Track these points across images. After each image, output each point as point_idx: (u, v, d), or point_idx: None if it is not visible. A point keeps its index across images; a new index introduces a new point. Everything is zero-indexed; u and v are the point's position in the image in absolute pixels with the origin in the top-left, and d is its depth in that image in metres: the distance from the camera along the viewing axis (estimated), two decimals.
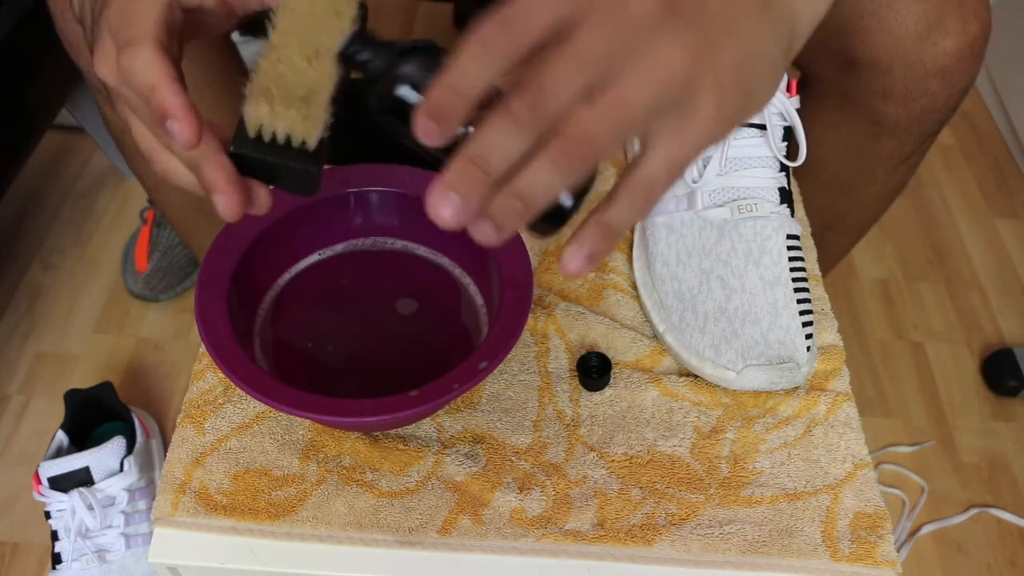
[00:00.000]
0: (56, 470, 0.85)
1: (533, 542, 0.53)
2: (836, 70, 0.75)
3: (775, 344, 0.58)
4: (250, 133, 0.43)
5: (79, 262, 1.25)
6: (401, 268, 0.62)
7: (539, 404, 0.60)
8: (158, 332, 1.17)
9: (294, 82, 0.42)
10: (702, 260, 0.61)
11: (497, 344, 0.51)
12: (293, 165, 0.43)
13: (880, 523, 0.55)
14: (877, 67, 0.71)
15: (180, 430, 0.58)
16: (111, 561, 0.87)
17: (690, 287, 0.61)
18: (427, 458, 0.56)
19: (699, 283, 0.61)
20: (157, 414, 1.08)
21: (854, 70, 0.73)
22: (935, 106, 0.73)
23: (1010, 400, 1.15)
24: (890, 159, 0.80)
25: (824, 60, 0.76)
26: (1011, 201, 1.43)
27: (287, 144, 0.43)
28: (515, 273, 0.55)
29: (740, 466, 0.57)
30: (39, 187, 1.34)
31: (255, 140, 0.43)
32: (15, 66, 0.97)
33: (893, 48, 0.69)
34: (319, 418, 0.50)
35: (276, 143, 0.43)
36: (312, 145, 0.43)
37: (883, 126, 0.76)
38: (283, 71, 0.42)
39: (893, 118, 0.74)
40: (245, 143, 0.43)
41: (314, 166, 0.43)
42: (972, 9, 0.69)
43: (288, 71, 0.42)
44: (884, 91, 0.73)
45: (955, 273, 1.31)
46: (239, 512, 0.54)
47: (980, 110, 1.57)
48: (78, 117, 1.22)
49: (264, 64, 0.42)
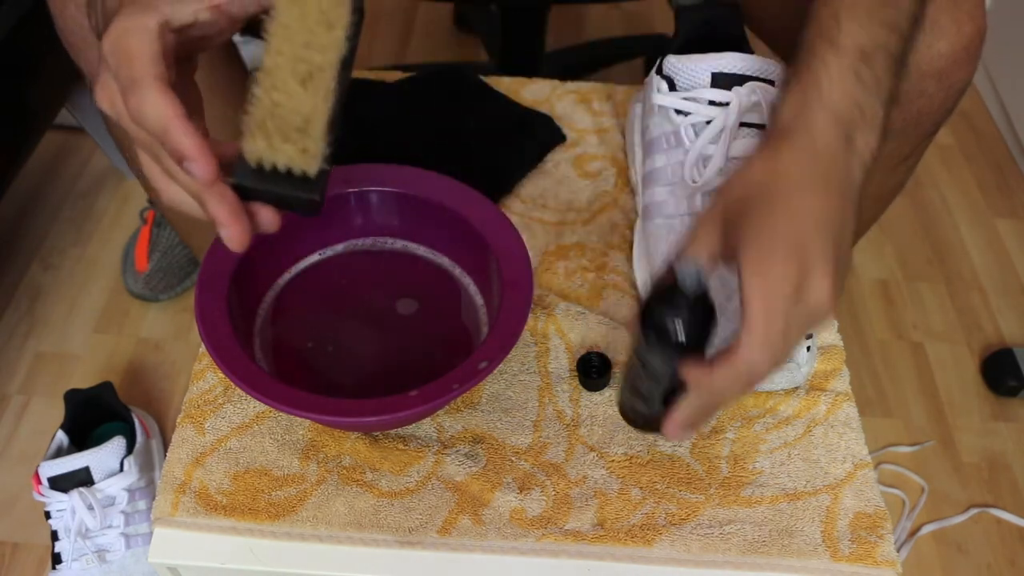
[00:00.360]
0: (56, 470, 0.85)
1: (533, 542, 0.53)
2: None
3: None
4: (251, 165, 0.43)
5: (79, 262, 1.25)
6: (401, 268, 0.62)
7: (539, 404, 0.60)
8: (158, 332, 1.17)
9: (290, 111, 0.43)
10: None
11: (497, 344, 0.51)
12: (295, 194, 0.44)
13: (880, 523, 0.55)
14: None
15: (180, 430, 0.58)
16: (111, 561, 0.87)
17: None
18: (427, 458, 0.56)
19: None
20: (157, 414, 1.07)
21: None
22: (931, 107, 0.73)
23: (1010, 400, 1.15)
24: (887, 160, 0.80)
25: None
26: (1011, 201, 1.42)
27: (288, 173, 0.43)
28: (515, 273, 0.55)
29: (740, 466, 0.57)
30: (39, 187, 1.34)
31: (256, 171, 0.43)
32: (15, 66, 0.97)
33: None
34: (319, 418, 0.50)
35: (278, 172, 0.43)
36: (313, 175, 0.43)
37: None
38: (278, 99, 0.43)
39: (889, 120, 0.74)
40: (247, 174, 0.43)
41: (316, 194, 0.44)
42: (967, 10, 0.69)
43: (283, 99, 0.43)
44: None
45: (955, 273, 1.31)
46: (239, 512, 0.54)
47: (980, 110, 1.57)
48: (78, 117, 1.22)
49: (259, 93, 0.43)
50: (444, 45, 1.64)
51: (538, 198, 0.74)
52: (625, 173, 0.76)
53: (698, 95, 0.61)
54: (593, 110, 0.82)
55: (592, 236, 0.70)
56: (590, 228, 0.71)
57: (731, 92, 0.60)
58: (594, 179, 0.75)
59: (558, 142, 0.78)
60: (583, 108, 0.82)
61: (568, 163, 0.77)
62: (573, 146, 0.78)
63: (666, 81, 0.64)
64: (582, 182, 0.75)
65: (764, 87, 0.60)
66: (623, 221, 0.71)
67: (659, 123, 0.65)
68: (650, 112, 0.67)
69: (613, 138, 0.79)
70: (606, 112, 0.81)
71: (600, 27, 1.66)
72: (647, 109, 0.68)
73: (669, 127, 0.64)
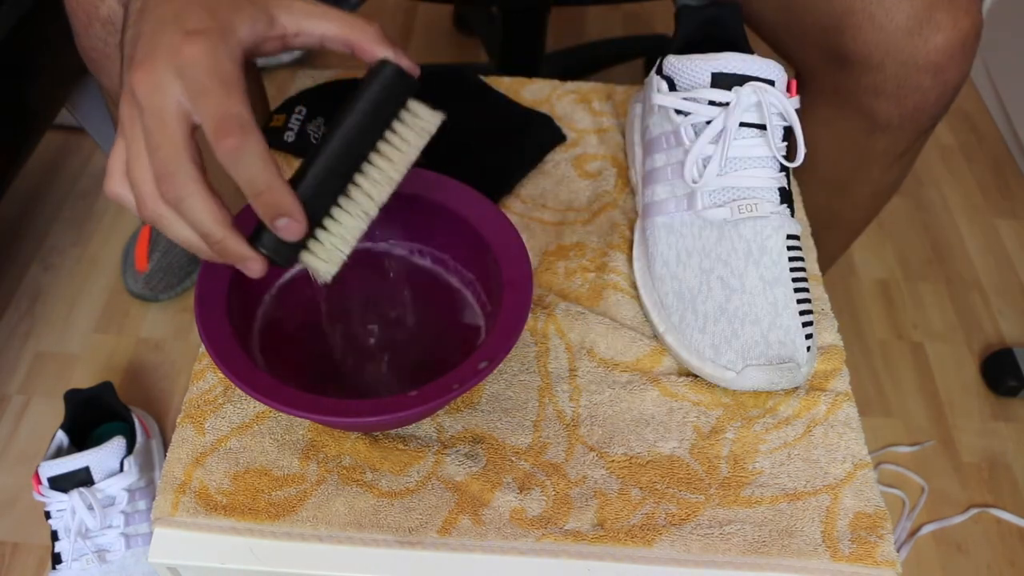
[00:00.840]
0: (56, 470, 0.85)
1: (533, 542, 0.53)
2: (827, 67, 0.75)
3: (775, 344, 0.58)
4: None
5: (79, 262, 1.25)
6: (401, 268, 0.62)
7: (539, 404, 0.60)
8: (158, 332, 1.17)
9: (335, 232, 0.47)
10: (702, 260, 0.61)
11: (497, 344, 0.51)
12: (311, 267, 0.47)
13: (880, 523, 0.55)
14: (868, 63, 0.71)
15: (180, 430, 0.58)
16: (111, 561, 0.87)
17: (690, 287, 0.61)
18: (427, 458, 0.56)
19: (699, 283, 0.61)
20: (157, 414, 1.08)
21: (845, 67, 0.73)
22: (927, 102, 0.73)
23: (1010, 400, 1.15)
24: (884, 156, 0.80)
25: (815, 56, 0.76)
26: (1011, 201, 1.43)
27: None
28: (515, 273, 0.55)
29: (740, 466, 0.57)
30: (39, 187, 1.34)
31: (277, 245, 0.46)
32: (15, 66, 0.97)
33: (884, 44, 0.70)
34: (319, 418, 0.50)
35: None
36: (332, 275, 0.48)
37: (876, 123, 0.76)
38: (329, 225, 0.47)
39: (885, 115, 0.75)
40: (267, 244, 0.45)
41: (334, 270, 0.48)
42: (963, 5, 0.69)
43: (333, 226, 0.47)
44: (876, 87, 0.73)
45: (955, 273, 1.31)
46: (239, 512, 0.54)
47: (980, 110, 1.57)
48: (78, 117, 1.22)
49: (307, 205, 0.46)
50: (444, 45, 1.64)
51: (538, 198, 0.74)
52: (625, 173, 0.76)
53: (698, 95, 0.62)
54: (593, 110, 0.82)
55: (592, 236, 0.70)
56: (590, 228, 0.71)
57: (731, 92, 0.60)
58: (594, 179, 0.75)
59: (558, 142, 0.78)
60: (583, 108, 0.82)
61: (568, 163, 0.77)
62: (573, 146, 0.78)
63: (666, 81, 0.64)
64: (582, 182, 0.75)
65: (764, 87, 0.60)
66: (623, 221, 0.71)
67: (659, 123, 0.65)
68: (650, 112, 0.67)
69: (613, 138, 0.79)
70: (606, 112, 0.81)
71: (600, 27, 1.66)
72: (647, 109, 0.68)
73: (669, 127, 0.64)
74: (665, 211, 0.64)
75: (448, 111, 0.44)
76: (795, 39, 0.77)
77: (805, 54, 0.78)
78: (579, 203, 0.73)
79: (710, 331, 0.59)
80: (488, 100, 0.81)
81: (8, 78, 0.97)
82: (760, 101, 0.60)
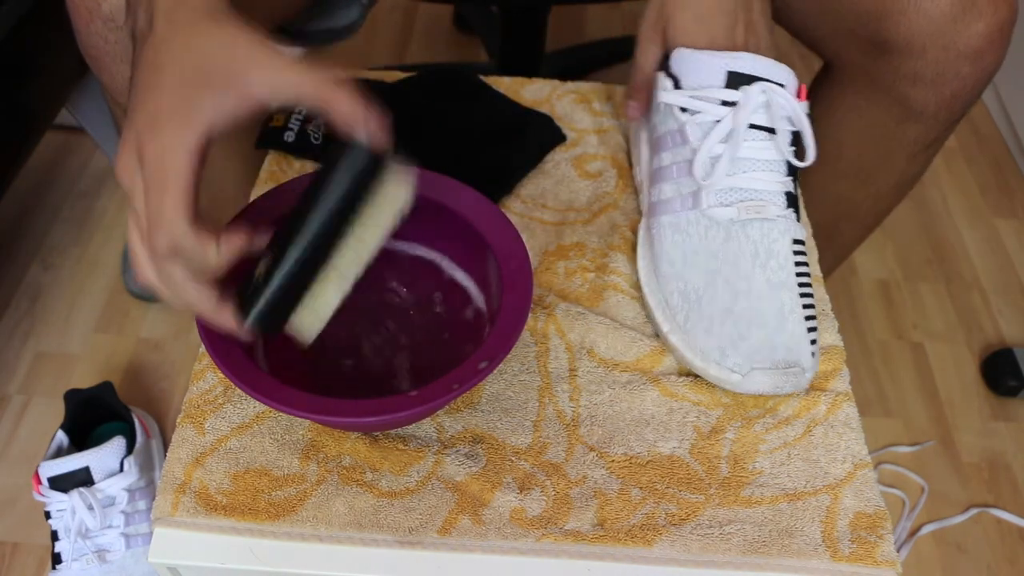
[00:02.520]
0: (56, 470, 0.85)
1: (533, 542, 0.53)
2: (864, 54, 0.75)
3: (781, 348, 0.58)
4: None
5: (79, 262, 1.25)
6: (401, 268, 0.62)
7: (539, 404, 0.60)
8: (158, 332, 1.17)
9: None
10: (708, 261, 0.61)
11: (497, 344, 0.51)
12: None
13: (880, 523, 0.55)
14: (910, 50, 0.71)
15: (180, 430, 0.58)
16: (111, 561, 0.87)
17: (696, 287, 0.61)
18: (427, 458, 0.56)
19: (705, 284, 0.61)
20: (157, 414, 1.08)
21: (884, 54, 0.73)
22: (964, 89, 0.74)
23: (1010, 400, 1.15)
24: (912, 145, 0.80)
25: (852, 45, 0.76)
26: (1011, 201, 1.43)
27: None
28: (515, 273, 0.55)
29: (740, 466, 0.57)
30: (39, 187, 1.34)
31: None
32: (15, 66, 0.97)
33: (928, 30, 0.70)
34: (319, 418, 0.50)
35: None
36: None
37: (910, 110, 0.76)
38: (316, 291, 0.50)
39: (921, 102, 0.75)
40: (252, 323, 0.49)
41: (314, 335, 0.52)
42: None
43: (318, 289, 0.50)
44: (915, 75, 0.73)
45: (955, 273, 1.31)
46: (239, 512, 0.54)
47: (980, 111, 1.57)
48: (78, 117, 1.22)
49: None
50: (444, 45, 1.64)
51: (538, 198, 0.74)
52: (626, 173, 0.76)
53: (707, 94, 0.61)
54: (593, 110, 0.82)
55: (592, 236, 0.70)
56: (590, 228, 0.71)
57: (740, 92, 0.60)
58: (594, 179, 0.75)
59: (558, 142, 0.78)
60: (583, 108, 0.82)
61: (568, 163, 0.77)
62: (573, 146, 0.78)
63: (671, 79, 0.64)
64: (582, 182, 0.75)
65: (774, 88, 0.59)
66: (624, 221, 0.71)
67: (664, 120, 0.65)
68: (655, 110, 0.67)
69: (613, 138, 0.79)
70: (606, 112, 0.81)
71: (600, 27, 1.66)
72: (652, 107, 0.68)
73: (674, 124, 0.63)
74: (671, 210, 0.64)
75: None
76: (829, 26, 0.77)
77: (839, 42, 0.77)
78: (579, 203, 0.73)
79: (716, 333, 0.59)
80: (488, 100, 0.81)
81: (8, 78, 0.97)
82: (769, 101, 0.59)
